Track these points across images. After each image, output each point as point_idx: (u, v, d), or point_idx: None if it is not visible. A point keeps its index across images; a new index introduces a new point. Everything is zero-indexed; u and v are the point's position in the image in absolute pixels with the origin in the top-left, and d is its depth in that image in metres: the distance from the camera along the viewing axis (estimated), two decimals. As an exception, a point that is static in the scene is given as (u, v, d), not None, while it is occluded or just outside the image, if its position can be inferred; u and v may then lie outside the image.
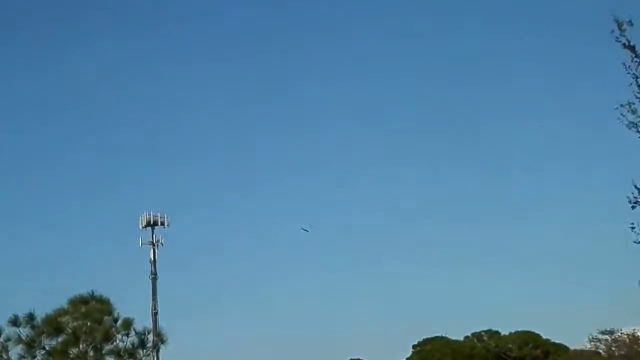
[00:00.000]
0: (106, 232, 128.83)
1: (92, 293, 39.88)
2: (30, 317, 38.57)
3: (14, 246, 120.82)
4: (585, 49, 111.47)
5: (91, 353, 38.05)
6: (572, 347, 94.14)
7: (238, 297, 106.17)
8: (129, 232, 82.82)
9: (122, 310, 39.67)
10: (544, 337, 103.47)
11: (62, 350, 37.66)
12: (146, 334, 39.79)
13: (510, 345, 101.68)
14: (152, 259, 69.85)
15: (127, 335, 39.17)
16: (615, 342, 77.23)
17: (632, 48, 20.93)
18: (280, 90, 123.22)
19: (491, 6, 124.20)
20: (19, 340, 38.12)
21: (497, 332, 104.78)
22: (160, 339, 40.59)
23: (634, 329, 74.05)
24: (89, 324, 38.82)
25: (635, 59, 20.78)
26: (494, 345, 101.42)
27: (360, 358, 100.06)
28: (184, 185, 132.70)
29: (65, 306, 39.36)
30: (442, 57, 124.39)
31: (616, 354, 75.98)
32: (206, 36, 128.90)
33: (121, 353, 38.53)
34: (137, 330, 39.50)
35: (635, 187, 21.02)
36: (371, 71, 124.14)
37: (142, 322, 41.58)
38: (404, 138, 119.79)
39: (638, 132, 20.77)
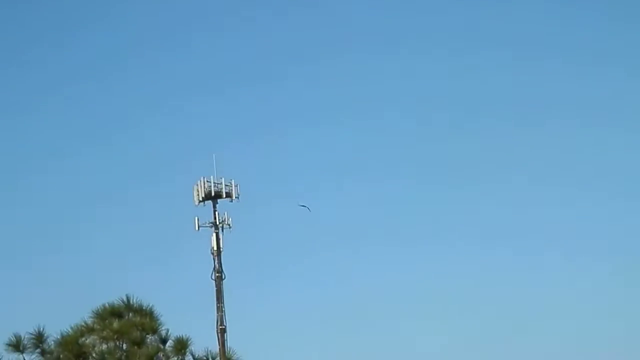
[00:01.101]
0: (142, 210, 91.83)
1: (128, 301, 31.52)
2: (39, 337, 31.31)
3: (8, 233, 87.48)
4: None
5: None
6: None
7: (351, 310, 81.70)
8: (179, 208, 63.22)
9: (172, 326, 31.88)
10: None
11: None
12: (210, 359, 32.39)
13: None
14: (215, 248, 54.41)
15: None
16: None
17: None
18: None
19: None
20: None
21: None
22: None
23: None
24: (124, 346, 31.47)
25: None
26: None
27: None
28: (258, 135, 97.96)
29: (89, 321, 31.45)
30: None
31: None
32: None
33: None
34: (195, 355, 32.06)
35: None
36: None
37: (203, 342, 35.32)
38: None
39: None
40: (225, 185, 53.14)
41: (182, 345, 31.57)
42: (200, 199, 52.81)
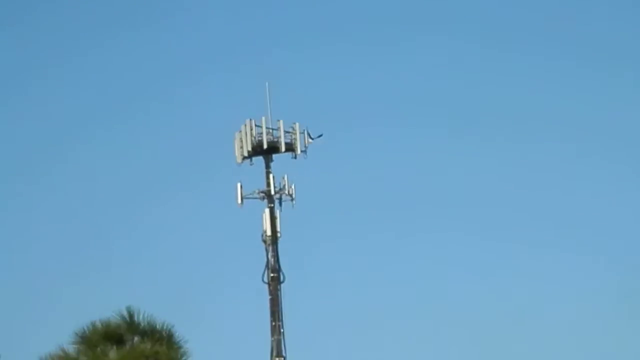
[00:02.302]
0: (155, 173, 59.87)
1: (131, 317, 22.95)
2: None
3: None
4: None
5: None
6: None
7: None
8: (212, 168, 45.01)
9: (202, 357, 23.39)
10: None
11: None
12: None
13: None
14: (269, 233, 37.40)
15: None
16: None
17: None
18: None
19: None
20: None
21: None
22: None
23: None
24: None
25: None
26: None
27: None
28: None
29: (70, 349, 22.88)
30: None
31: None
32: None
33: None
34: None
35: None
36: None
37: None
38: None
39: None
40: (285, 132, 37.29)
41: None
42: (246, 153, 37.16)
